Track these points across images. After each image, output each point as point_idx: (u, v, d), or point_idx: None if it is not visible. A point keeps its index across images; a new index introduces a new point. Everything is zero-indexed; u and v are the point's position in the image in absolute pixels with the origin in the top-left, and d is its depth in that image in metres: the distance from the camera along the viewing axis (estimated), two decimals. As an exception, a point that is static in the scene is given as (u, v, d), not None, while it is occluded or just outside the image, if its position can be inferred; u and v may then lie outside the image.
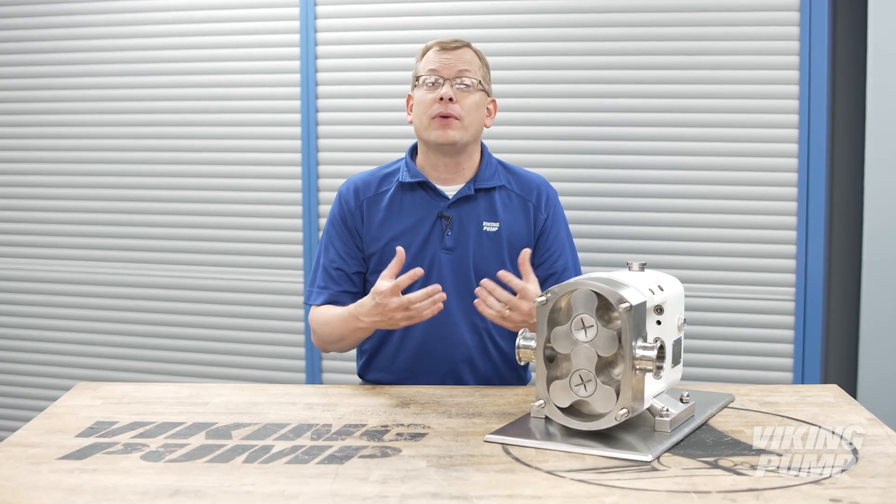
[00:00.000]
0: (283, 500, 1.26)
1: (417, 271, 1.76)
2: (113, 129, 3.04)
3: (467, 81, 1.98)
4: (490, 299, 1.77)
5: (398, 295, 1.76)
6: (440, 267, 1.99)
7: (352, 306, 1.88)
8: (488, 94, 2.04)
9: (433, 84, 1.98)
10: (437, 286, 1.77)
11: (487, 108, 2.05)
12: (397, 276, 1.79)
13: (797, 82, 2.54)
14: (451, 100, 1.95)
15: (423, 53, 2.03)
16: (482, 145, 2.09)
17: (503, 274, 1.78)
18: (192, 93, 2.97)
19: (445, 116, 1.95)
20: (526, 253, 1.82)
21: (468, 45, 2.02)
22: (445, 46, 2.00)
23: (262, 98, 2.91)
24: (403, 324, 1.80)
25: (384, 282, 1.78)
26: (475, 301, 1.79)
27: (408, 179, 2.02)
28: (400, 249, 1.81)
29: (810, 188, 2.55)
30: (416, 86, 2.02)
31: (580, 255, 2.12)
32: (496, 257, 2.00)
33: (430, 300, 1.75)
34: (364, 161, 2.75)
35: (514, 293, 1.78)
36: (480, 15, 2.74)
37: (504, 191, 2.04)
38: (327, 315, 1.98)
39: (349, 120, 2.85)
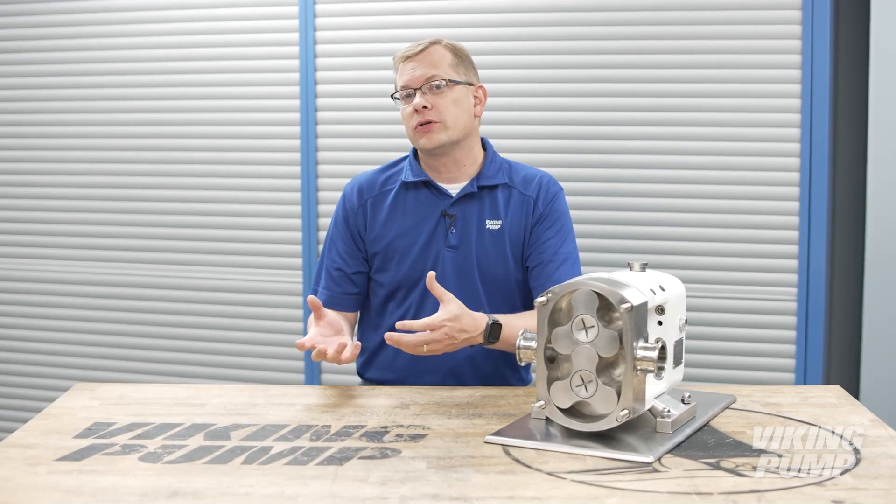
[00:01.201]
0: (282, 502, 1.26)
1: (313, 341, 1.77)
2: (112, 128, 3.04)
3: (437, 83, 1.97)
4: (401, 345, 1.75)
5: (307, 348, 1.77)
6: (444, 265, 1.98)
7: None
8: (470, 83, 2.03)
9: (407, 97, 1.99)
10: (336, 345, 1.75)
11: (475, 97, 2.04)
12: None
13: (799, 81, 2.54)
14: (425, 107, 1.95)
15: (396, 67, 2.03)
16: (486, 143, 2.08)
17: (401, 324, 1.76)
18: (192, 92, 2.96)
19: (426, 123, 1.96)
20: (431, 275, 1.79)
21: (435, 43, 2.01)
22: (409, 55, 2.00)
23: (262, 97, 2.91)
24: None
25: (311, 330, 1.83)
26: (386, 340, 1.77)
27: (411, 179, 2.02)
28: (313, 298, 1.82)
29: (812, 188, 2.54)
30: (394, 99, 2.04)
31: (581, 256, 2.11)
32: (499, 255, 1.99)
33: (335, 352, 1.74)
34: (363, 161, 2.75)
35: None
36: (480, 13, 2.73)
37: (507, 188, 2.03)
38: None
39: (348, 119, 2.85)
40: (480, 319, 1.81)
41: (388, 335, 1.74)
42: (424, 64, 1.98)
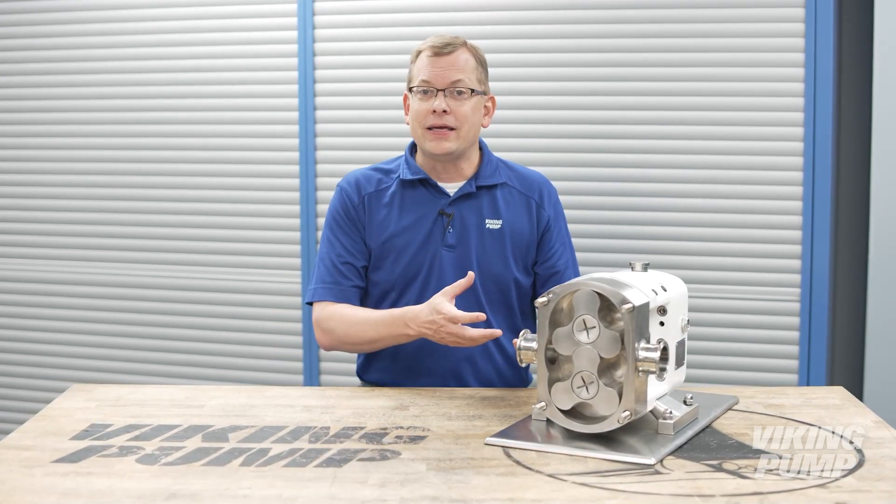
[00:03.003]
0: (279, 504, 1.25)
1: (480, 315, 1.75)
2: (111, 127, 3.03)
3: (461, 89, 1.94)
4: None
5: (456, 322, 1.75)
6: (441, 264, 1.97)
7: (398, 311, 1.86)
8: (486, 93, 2.02)
9: (426, 94, 1.95)
10: (482, 315, 1.75)
11: (486, 107, 2.02)
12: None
13: (802, 80, 2.52)
14: (444, 111, 1.92)
15: (417, 56, 1.99)
16: (482, 144, 2.07)
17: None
18: (191, 91, 2.95)
19: (440, 127, 1.93)
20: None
21: (463, 45, 1.97)
22: (438, 52, 1.95)
23: (261, 96, 2.90)
24: (450, 344, 1.79)
25: (446, 304, 1.77)
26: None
27: (409, 177, 2.00)
28: (470, 274, 1.81)
29: (815, 188, 2.53)
30: (410, 89, 1.99)
31: (582, 256, 2.11)
32: (499, 255, 1.98)
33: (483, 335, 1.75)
34: (362, 160, 2.74)
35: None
36: (479, 12, 2.72)
37: (506, 188, 2.02)
38: (360, 315, 1.92)
39: (347, 118, 2.84)
40: None
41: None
42: (453, 66, 1.94)
